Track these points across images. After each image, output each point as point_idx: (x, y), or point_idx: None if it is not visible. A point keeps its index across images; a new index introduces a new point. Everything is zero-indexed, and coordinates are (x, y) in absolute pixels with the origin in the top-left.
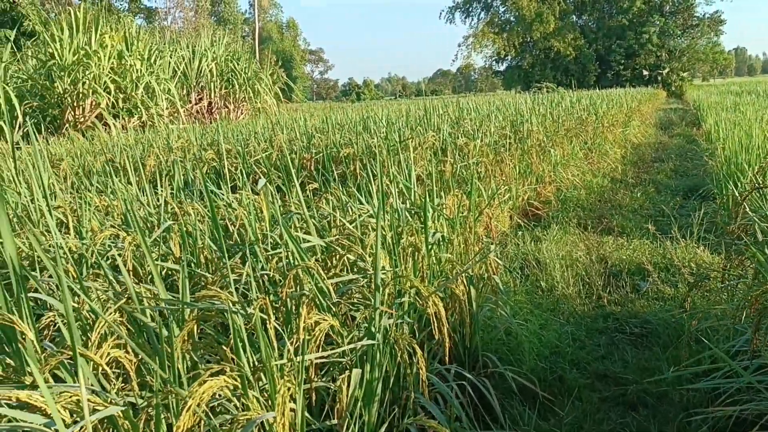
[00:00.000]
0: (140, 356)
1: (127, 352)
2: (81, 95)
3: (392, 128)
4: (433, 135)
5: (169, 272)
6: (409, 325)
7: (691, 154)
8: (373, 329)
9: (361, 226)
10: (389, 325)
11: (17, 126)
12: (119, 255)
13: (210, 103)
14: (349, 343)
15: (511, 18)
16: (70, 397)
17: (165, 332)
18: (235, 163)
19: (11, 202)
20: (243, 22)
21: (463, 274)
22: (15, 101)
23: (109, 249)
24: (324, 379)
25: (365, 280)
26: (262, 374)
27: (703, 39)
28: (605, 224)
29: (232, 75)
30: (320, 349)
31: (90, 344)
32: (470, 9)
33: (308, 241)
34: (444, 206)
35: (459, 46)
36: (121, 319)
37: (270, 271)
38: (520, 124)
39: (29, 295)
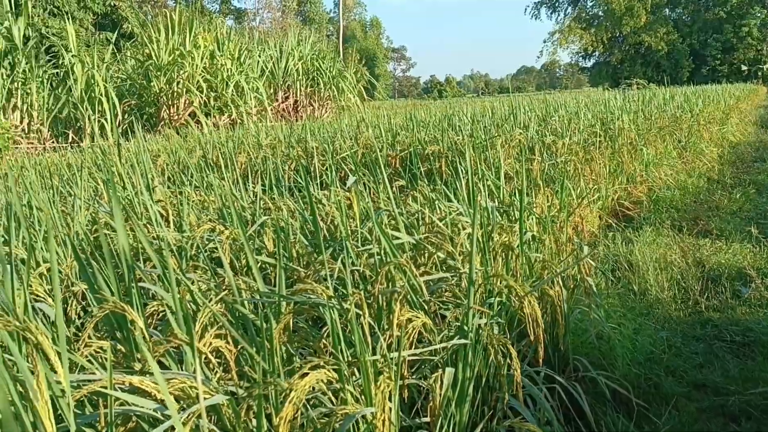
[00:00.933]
0: (239, 347)
1: (227, 342)
2: (175, 94)
3: (478, 126)
4: (520, 132)
5: (262, 266)
6: (500, 325)
7: None
8: (465, 328)
9: (451, 224)
10: (481, 324)
11: (117, 123)
12: (216, 248)
13: (296, 102)
14: (440, 342)
15: (600, 12)
16: (179, 383)
17: (264, 324)
18: (322, 161)
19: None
20: (328, 21)
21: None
22: (115, 100)
23: (207, 242)
24: (415, 377)
25: (455, 279)
26: (355, 369)
27: None
28: (701, 226)
29: (317, 74)
30: (412, 347)
31: (193, 334)
32: (557, 4)
33: (398, 238)
34: (534, 205)
35: (544, 42)
36: (220, 310)
37: (361, 267)
38: (611, 122)
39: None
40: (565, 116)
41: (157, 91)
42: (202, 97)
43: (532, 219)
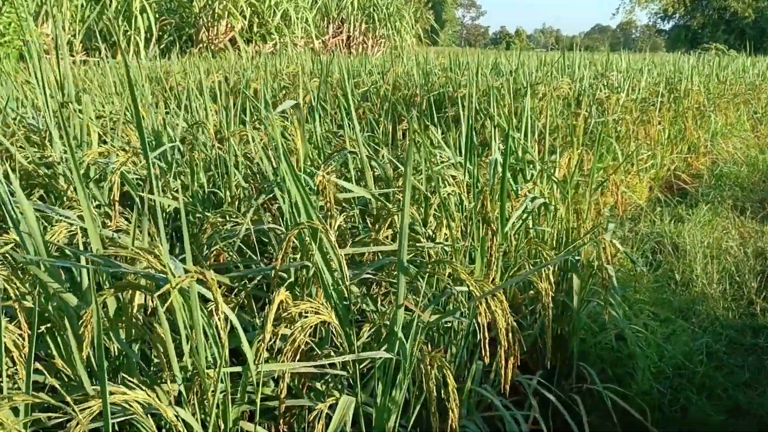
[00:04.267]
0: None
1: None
2: (216, 15)
3: (522, 70)
4: (568, 82)
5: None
6: (468, 324)
7: None
8: (396, 329)
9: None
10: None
11: (153, 41)
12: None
13: (349, 37)
14: (361, 348)
15: None
16: None
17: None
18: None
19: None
20: None
21: (555, 265)
22: (151, 17)
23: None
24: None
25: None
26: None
27: None
28: None
29: (373, 9)
30: (297, 355)
31: None
32: None
33: (347, 190)
34: (557, 165)
35: (622, 0)
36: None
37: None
38: (678, 82)
39: None
40: (627, 71)
41: (197, 12)
42: (244, 22)
43: (551, 182)
